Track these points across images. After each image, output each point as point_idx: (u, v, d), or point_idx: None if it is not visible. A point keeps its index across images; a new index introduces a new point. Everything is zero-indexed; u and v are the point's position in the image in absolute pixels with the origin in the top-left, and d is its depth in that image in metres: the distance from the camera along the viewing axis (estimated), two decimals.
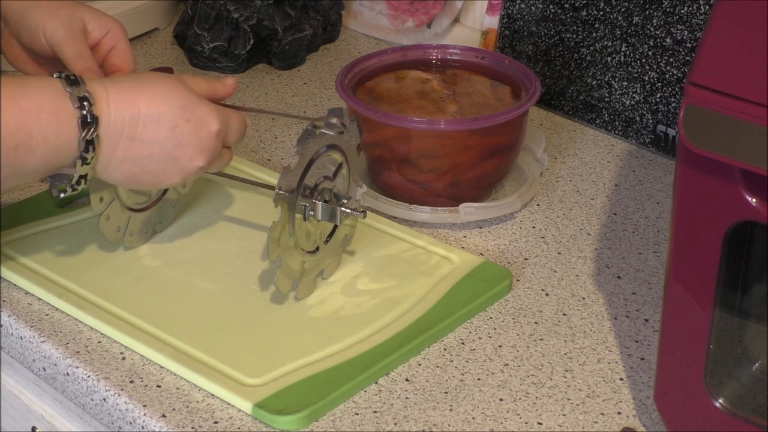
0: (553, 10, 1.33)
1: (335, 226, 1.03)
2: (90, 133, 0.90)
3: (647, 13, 1.25)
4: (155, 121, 0.93)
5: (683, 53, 1.24)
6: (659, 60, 1.25)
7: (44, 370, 0.98)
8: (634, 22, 1.27)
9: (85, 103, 0.90)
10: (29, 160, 0.89)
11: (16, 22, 1.06)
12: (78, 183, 0.93)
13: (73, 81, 0.91)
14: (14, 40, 1.08)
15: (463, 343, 0.98)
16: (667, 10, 1.24)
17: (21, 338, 0.99)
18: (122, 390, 0.92)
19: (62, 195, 0.94)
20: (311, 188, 1.00)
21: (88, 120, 0.90)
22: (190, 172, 0.96)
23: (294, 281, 1.00)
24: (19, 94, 0.89)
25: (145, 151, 0.94)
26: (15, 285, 1.03)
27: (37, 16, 1.05)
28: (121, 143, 0.93)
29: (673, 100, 1.25)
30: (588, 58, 1.31)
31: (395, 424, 0.90)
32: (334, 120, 1.01)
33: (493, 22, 1.40)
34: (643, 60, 1.26)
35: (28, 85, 0.90)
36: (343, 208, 1.01)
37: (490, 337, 0.99)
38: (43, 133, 0.89)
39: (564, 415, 0.91)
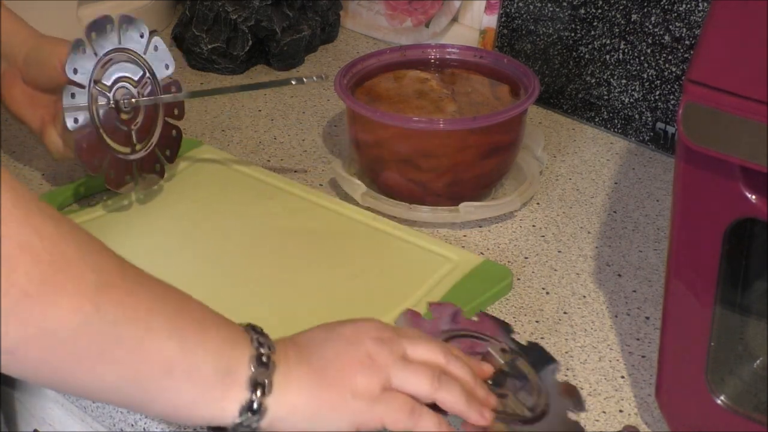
0: (551, 9, 1.33)
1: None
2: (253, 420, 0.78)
3: (645, 10, 1.25)
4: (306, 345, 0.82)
5: (682, 50, 1.24)
6: (658, 58, 1.25)
7: None
8: (632, 19, 1.26)
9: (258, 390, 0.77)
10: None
11: (27, 57, 1.08)
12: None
13: (263, 363, 0.78)
14: (18, 79, 1.10)
15: None
16: (666, 7, 1.24)
17: None
18: None
19: None
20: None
21: (254, 408, 0.77)
22: (368, 346, 0.81)
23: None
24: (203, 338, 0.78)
25: (312, 350, 0.81)
26: None
27: (50, 46, 1.08)
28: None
29: (672, 97, 1.25)
30: (587, 56, 1.31)
31: None
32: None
33: (491, 21, 1.40)
34: (642, 58, 1.26)
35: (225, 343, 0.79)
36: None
37: None
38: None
39: None
